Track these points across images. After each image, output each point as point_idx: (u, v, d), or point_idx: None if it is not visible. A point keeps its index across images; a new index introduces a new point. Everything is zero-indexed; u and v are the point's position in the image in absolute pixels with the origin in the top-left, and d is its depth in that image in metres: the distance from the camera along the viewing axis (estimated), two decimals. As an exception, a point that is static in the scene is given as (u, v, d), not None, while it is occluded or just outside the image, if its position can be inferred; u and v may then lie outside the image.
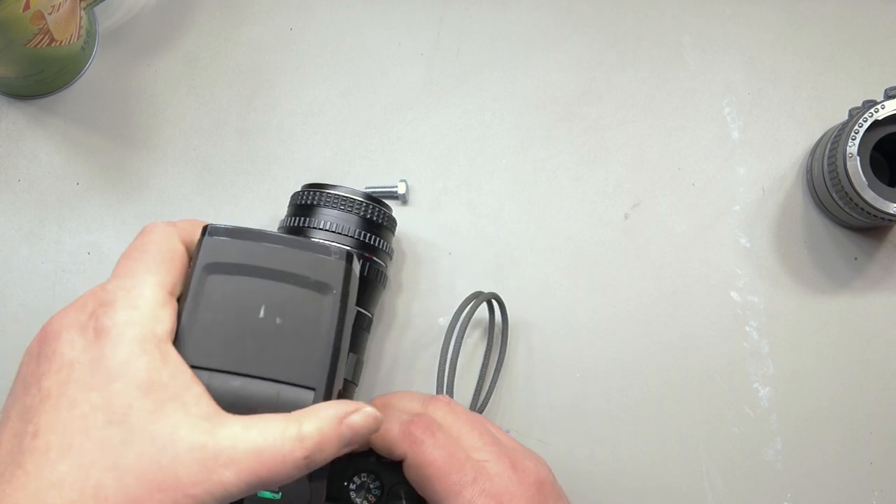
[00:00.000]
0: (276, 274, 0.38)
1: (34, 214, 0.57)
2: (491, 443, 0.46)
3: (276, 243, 0.39)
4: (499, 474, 0.45)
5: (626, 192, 0.58)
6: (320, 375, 0.37)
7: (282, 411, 0.36)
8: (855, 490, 0.54)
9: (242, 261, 0.38)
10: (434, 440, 0.45)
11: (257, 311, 0.38)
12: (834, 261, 0.57)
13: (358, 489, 0.46)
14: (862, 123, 0.51)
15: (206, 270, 0.38)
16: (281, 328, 0.38)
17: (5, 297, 0.56)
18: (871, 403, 0.55)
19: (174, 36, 0.60)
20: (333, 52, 0.60)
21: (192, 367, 0.37)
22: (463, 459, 0.45)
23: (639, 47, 0.60)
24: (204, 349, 0.37)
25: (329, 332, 0.38)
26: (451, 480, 0.44)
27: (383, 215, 0.51)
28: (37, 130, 0.58)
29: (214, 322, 0.38)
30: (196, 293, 0.38)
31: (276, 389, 0.37)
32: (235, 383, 0.37)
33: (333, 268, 0.39)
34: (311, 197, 0.50)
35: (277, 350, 0.37)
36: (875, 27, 0.60)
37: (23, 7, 0.49)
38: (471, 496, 0.44)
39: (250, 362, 0.37)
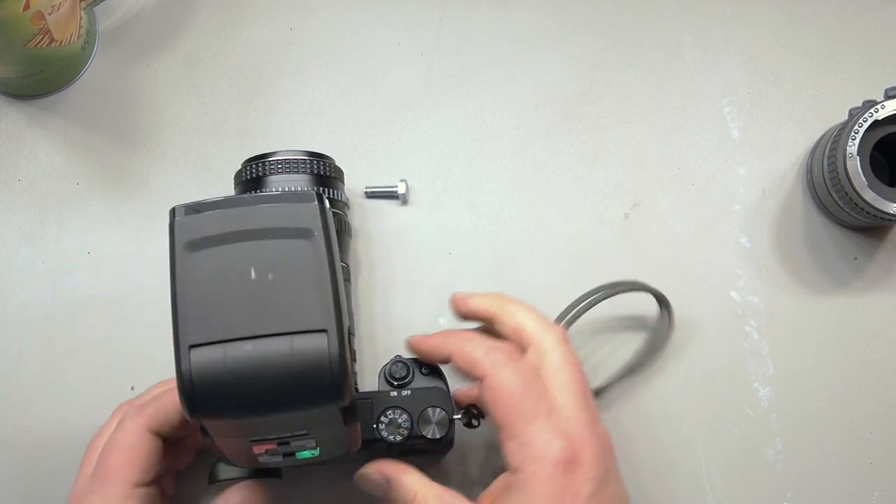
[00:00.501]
0: (255, 233, 0.38)
1: (34, 214, 0.57)
2: (578, 391, 0.46)
3: (244, 205, 0.39)
4: (576, 419, 0.44)
5: (626, 192, 0.58)
6: (328, 315, 0.37)
7: (299, 361, 0.36)
8: (855, 490, 0.54)
9: (217, 231, 0.38)
10: (515, 366, 0.45)
11: (248, 273, 0.37)
12: (834, 261, 0.57)
13: (388, 426, 0.46)
14: (862, 123, 0.51)
15: (186, 250, 0.38)
16: (276, 283, 0.37)
17: (5, 297, 0.56)
18: (871, 403, 0.55)
19: (174, 36, 0.60)
20: (333, 52, 0.60)
21: (199, 345, 0.37)
22: (541, 392, 0.45)
23: (639, 47, 0.60)
24: (207, 326, 0.37)
25: (323, 272, 0.37)
26: (524, 407, 0.44)
27: (330, 167, 0.52)
28: (37, 130, 0.58)
29: (209, 297, 0.37)
30: (183, 275, 0.38)
31: (289, 342, 0.36)
32: (247, 348, 0.36)
33: (308, 211, 0.38)
34: (255, 170, 0.51)
35: (279, 305, 0.37)
36: (875, 27, 0.60)
37: (23, 7, 0.49)
38: (542, 427, 0.43)
39: (256, 324, 0.37)
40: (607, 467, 0.44)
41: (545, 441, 0.43)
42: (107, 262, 0.57)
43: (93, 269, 0.57)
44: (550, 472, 0.43)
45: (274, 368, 0.36)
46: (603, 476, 0.44)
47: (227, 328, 0.37)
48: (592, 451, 0.44)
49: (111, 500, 0.44)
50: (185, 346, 0.37)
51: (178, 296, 0.37)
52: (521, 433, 0.43)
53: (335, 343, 0.36)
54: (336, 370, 0.36)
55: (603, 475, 0.44)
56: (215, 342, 0.36)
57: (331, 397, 0.37)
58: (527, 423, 0.43)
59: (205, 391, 0.36)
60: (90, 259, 0.57)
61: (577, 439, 0.44)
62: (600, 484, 0.44)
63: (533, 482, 0.43)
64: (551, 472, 0.43)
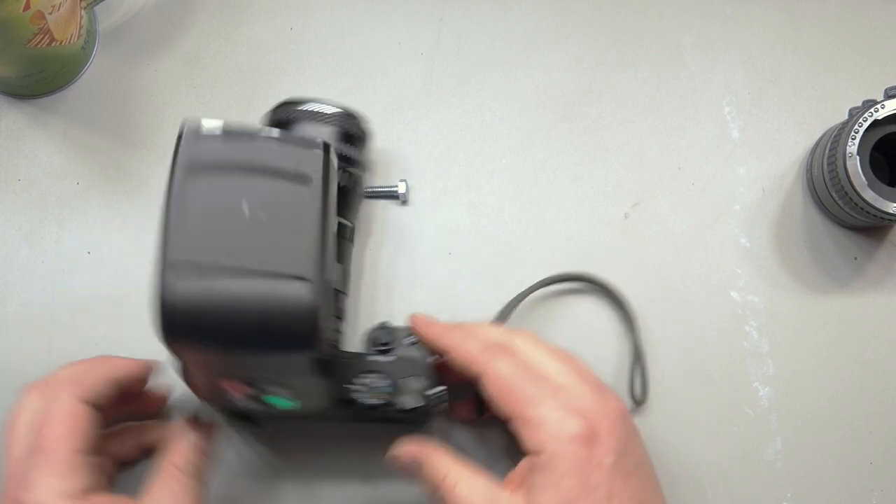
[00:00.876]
0: (257, 169, 0.38)
1: (34, 214, 0.57)
2: (573, 370, 0.46)
3: (253, 140, 0.38)
4: (582, 395, 0.45)
5: (626, 192, 0.58)
6: (310, 265, 0.37)
7: (277, 306, 0.36)
8: (855, 490, 0.54)
9: (220, 159, 0.38)
10: (512, 359, 0.46)
11: (242, 208, 0.37)
12: (834, 261, 0.57)
13: (363, 389, 0.46)
14: (862, 123, 0.51)
15: (187, 172, 0.38)
16: (267, 223, 0.37)
17: (5, 297, 0.56)
18: (871, 403, 0.55)
19: (174, 36, 0.60)
20: (333, 52, 0.60)
21: (183, 266, 0.36)
22: (541, 377, 0.45)
23: (639, 47, 0.60)
24: (193, 248, 0.37)
25: (313, 221, 0.37)
26: (527, 393, 0.44)
27: (356, 126, 0.52)
28: (37, 130, 0.58)
29: (201, 222, 0.37)
30: (178, 196, 0.38)
31: (271, 284, 0.36)
32: (229, 280, 0.36)
33: (312, 158, 0.38)
34: (286, 113, 0.51)
35: (266, 245, 0.37)
36: (875, 27, 0.60)
37: (23, 7, 0.50)
38: (551, 406, 0.44)
39: (241, 258, 0.37)
40: (626, 435, 0.45)
41: (558, 419, 0.43)
42: (107, 262, 0.57)
43: (93, 269, 0.57)
44: (571, 448, 0.43)
45: (251, 306, 0.36)
46: (623, 445, 0.44)
47: (212, 255, 0.37)
48: (608, 422, 0.44)
49: (59, 468, 0.43)
50: (170, 263, 0.36)
51: (171, 214, 0.37)
52: (533, 417, 0.44)
53: (314, 293, 0.36)
54: (310, 319, 0.36)
55: (623, 444, 0.44)
56: (199, 266, 0.36)
57: (302, 346, 0.37)
58: (536, 406, 0.44)
59: (182, 313, 0.36)
60: (90, 259, 0.57)
61: (589, 412, 0.44)
62: (622, 453, 0.44)
63: (555, 460, 0.43)
64: (571, 447, 0.43)
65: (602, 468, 0.43)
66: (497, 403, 0.45)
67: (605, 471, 0.43)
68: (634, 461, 0.45)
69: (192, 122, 0.39)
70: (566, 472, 0.43)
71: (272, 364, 0.38)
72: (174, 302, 0.36)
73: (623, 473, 0.44)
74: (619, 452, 0.44)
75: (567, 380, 0.45)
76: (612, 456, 0.43)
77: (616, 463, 0.43)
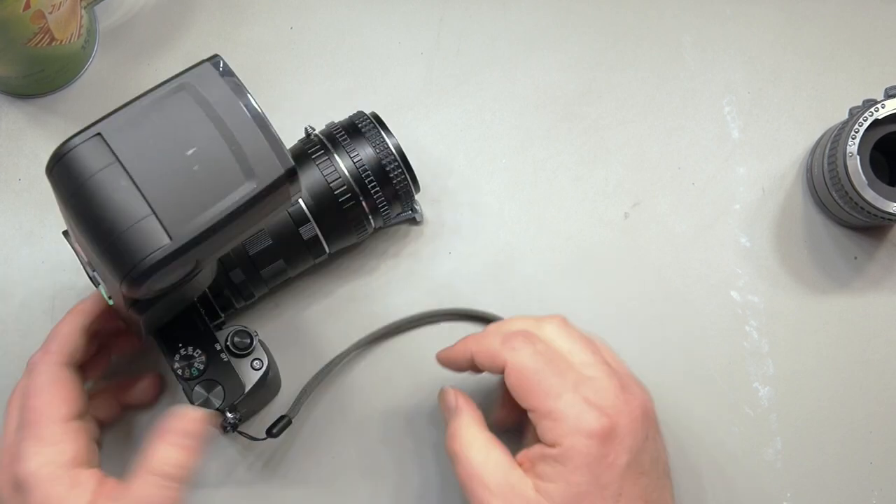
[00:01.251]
0: (229, 134, 0.38)
1: (34, 214, 0.57)
2: (601, 362, 0.45)
3: (250, 113, 0.38)
4: (605, 389, 0.44)
5: (626, 192, 0.58)
6: (183, 232, 0.36)
7: (137, 239, 0.36)
8: (855, 490, 0.54)
9: (213, 101, 0.38)
10: (534, 348, 0.45)
11: (189, 147, 0.37)
12: (834, 260, 0.57)
13: (181, 359, 0.46)
14: (862, 123, 0.51)
15: (180, 88, 0.38)
16: (193, 174, 0.37)
17: (6, 297, 0.56)
18: (871, 403, 0.55)
19: (174, 36, 0.60)
20: (333, 52, 0.60)
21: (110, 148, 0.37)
22: (565, 368, 0.45)
23: (639, 47, 0.60)
24: (130, 140, 0.37)
25: (222, 207, 0.37)
26: (549, 384, 0.44)
27: (400, 181, 0.51)
28: (37, 129, 0.58)
29: (151, 128, 0.37)
30: (159, 100, 0.38)
31: (146, 219, 0.36)
32: (121, 196, 0.36)
33: (269, 168, 0.38)
34: (363, 122, 0.52)
35: (175, 186, 0.37)
36: (875, 27, 0.60)
37: (23, 6, 0.50)
38: (571, 400, 0.43)
39: (148, 180, 0.37)
40: (644, 435, 0.44)
41: (577, 414, 0.43)
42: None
43: (93, 268, 0.57)
44: (586, 444, 0.43)
45: (120, 206, 0.36)
46: (640, 444, 0.44)
47: (132, 158, 0.37)
48: (628, 420, 0.44)
49: (48, 438, 0.44)
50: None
51: (138, 105, 0.38)
52: (552, 409, 0.43)
53: (165, 252, 0.36)
54: (143, 259, 0.36)
55: (640, 444, 0.44)
56: (121, 160, 0.37)
57: (125, 274, 0.37)
58: (555, 399, 0.43)
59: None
60: (90, 259, 0.57)
61: (609, 408, 0.43)
62: (637, 453, 0.44)
63: (570, 454, 0.43)
64: (587, 444, 0.43)
65: (615, 468, 0.43)
66: (517, 394, 0.45)
67: (617, 470, 0.43)
68: (650, 459, 0.44)
69: (222, 61, 0.39)
70: (578, 467, 0.42)
71: (100, 264, 0.39)
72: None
73: (636, 473, 0.43)
74: (634, 452, 0.43)
75: (592, 371, 0.45)
76: (627, 456, 0.43)
77: (630, 463, 0.43)
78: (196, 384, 0.46)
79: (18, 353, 0.55)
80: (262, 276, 0.50)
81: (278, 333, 0.55)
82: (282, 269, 0.50)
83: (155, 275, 0.37)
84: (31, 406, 0.45)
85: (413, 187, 0.52)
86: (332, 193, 0.50)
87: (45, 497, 0.42)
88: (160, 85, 0.38)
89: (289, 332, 0.55)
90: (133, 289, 0.37)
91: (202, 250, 0.38)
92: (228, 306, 0.51)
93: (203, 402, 0.46)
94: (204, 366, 0.47)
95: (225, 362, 0.47)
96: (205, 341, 0.47)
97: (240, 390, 0.46)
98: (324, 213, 0.50)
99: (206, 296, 0.49)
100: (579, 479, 0.42)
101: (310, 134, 0.52)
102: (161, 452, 0.43)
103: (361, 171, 0.50)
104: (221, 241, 0.38)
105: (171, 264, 0.37)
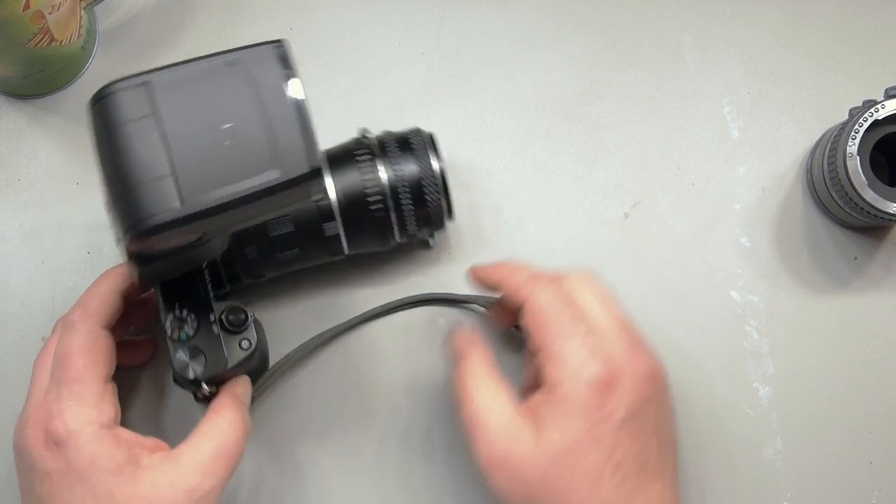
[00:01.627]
0: (267, 119, 0.38)
1: (34, 214, 0.57)
2: (615, 319, 0.46)
3: (293, 105, 0.38)
4: (614, 343, 0.45)
5: (626, 192, 0.58)
6: (196, 201, 0.37)
7: (150, 196, 0.37)
8: (855, 490, 0.54)
9: (262, 84, 0.38)
10: (556, 290, 0.46)
11: (226, 122, 0.38)
12: (834, 261, 0.57)
13: (175, 319, 0.46)
14: (862, 123, 0.51)
15: (235, 63, 0.38)
16: (223, 147, 0.37)
17: (6, 297, 0.56)
18: (871, 403, 0.55)
19: (174, 36, 0.60)
20: (333, 52, 0.60)
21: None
22: (579, 317, 0.45)
23: (639, 47, 0.60)
24: (174, 99, 0.38)
25: (240, 188, 0.37)
26: (562, 327, 0.44)
27: (435, 205, 0.51)
28: (37, 130, 0.59)
29: (197, 93, 0.38)
30: (213, 68, 0.38)
31: (164, 179, 0.37)
32: (148, 150, 0.37)
33: (296, 162, 0.38)
34: (417, 140, 0.51)
35: (202, 155, 0.37)
36: (875, 27, 0.60)
37: (23, 6, 0.50)
38: (579, 346, 0.44)
39: (178, 142, 0.37)
40: (648, 396, 0.44)
41: (581, 361, 0.43)
42: (107, 263, 0.57)
43: (93, 269, 0.57)
44: (584, 392, 0.43)
45: (140, 162, 0.37)
46: (641, 405, 0.44)
47: (168, 107, 0.37)
48: (632, 377, 0.44)
49: (90, 399, 0.44)
50: None
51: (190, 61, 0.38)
52: (559, 352, 0.44)
53: (175, 214, 0.36)
54: (150, 217, 0.37)
55: (641, 404, 0.44)
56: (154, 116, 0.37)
57: (129, 227, 0.37)
58: (564, 342, 0.44)
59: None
60: (90, 259, 0.57)
61: (614, 361, 0.44)
62: (636, 412, 0.44)
63: (567, 399, 0.43)
64: (585, 391, 0.43)
65: (611, 420, 0.43)
66: (530, 332, 0.45)
67: (613, 423, 0.43)
68: (651, 424, 0.44)
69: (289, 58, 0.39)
70: (574, 413, 0.43)
71: (115, 211, 0.39)
72: None
73: (633, 431, 0.43)
74: (633, 410, 0.43)
75: (605, 326, 0.45)
76: (625, 411, 0.43)
77: (627, 419, 0.43)
78: (181, 347, 0.46)
79: (18, 353, 0.55)
80: (276, 259, 0.50)
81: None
82: (296, 257, 0.50)
83: (158, 234, 0.37)
84: (72, 366, 0.44)
85: (446, 214, 0.52)
86: (365, 198, 0.50)
87: (93, 456, 0.42)
88: (219, 53, 0.39)
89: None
90: (134, 242, 0.38)
91: (210, 224, 0.38)
92: (236, 279, 0.51)
93: (181, 368, 0.46)
94: (193, 332, 0.46)
95: (215, 335, 0.47)
96: (201, 308, 0.47)
97: (221, 365, 0.46)
98: (352, 214, 0.50)
99: (215, 263, 0.49)
100: (574, 424, 0.43)
101: (363, 136, 0.52)
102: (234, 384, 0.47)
103: (399, 185, 0.50)
104: (231, 220, 0.39)
105: (176, 229, 0.37)
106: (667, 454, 0.46)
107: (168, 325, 0.46)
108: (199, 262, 0.47)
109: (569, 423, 0.43)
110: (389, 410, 0.54)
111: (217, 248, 0.46)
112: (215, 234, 0.41)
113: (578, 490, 0.42)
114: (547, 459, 0.43)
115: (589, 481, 0.42)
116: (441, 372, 0.55)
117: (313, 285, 0.56)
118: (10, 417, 0.54)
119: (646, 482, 0.43)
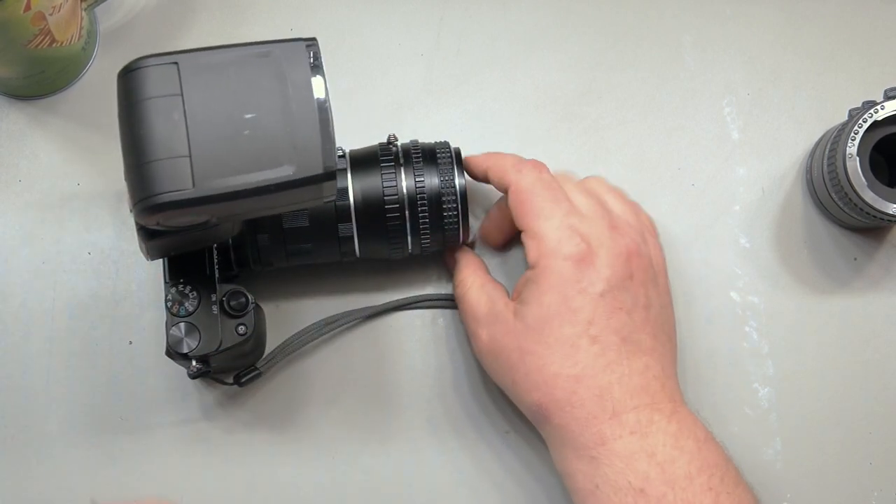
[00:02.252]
0: (290, 115, 0.38)
1: (34, 215, 0.57)
2: (598, 205, 0.48)
3: (316, 104, 0.39)
4: (593, 222, 0.46)
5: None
6: (208, 185, 0.37)
7: (163, 173, 0.37)
8: (855, 490, 0.54)
9: (289, 80, 0.39)
10: (539, 175, 0.48)
11: (249, 112, 0.38)
12: (834, 261, 0.57)
13: (177, 293, 0.47)
14: (862, 124, 0.51)
15: (266, 55, 0.39)
16: (241, 137, 0.38)
17: (6, 297, 0.56)
18: (871, 404, 0.55)
19: (174, 36, 0.60)
20: (333, 52, 0.60)
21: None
22: (561, 198, 0.47)
23: (639, 47, 0.60)
24: (201, 82, 0.38)
25: (252, 179, 0.38)
26: (542, 206, 0.47)
27: (451, 221, 0.51)
28: (37, 130, 0.59)
29: (224, 79, 0.38)
30: (243, 57, 0.39)
31: (180, 159, 0.37)
32: (168, 128, 0.38)
33: (311, 162, 0.39)
34: (443, 153, 0.52)
35: (220, 141, 0.38)
36: (875, 27, 0.60)
37: (24, 8, 0.50)
38: (558, 224, 0.46)
39: (198, 124, 0.37)
40: (628, 274, 0.46)
41: (560, 237, 0.45)
42: (107, 262, 0.57)
43: (93, 269, 0.57)
44: (561, 265, 0.45)
45: (159, 138, 0.38)
46: (620, 281, 0.45)
47: (196, 91, 0.38)
48: (609, 254, 0.45)
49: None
50: None
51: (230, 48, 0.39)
52: (538, 230, 0.46)
53: (187, 195, 0.37)
54: (161, 193, 0.37)
55: (619, 280, 0.45)
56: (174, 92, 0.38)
57: (139, 199, 0.38)
58: (544, 220, 0.46)
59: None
60: (90, 259, 0.57)
61: (592, 238, 0.45)
62: (615, 287, 0.45)
63: (544, 275, 0.45)
64: (562, 265, 0.45)
65: (587, 293, 0.44)
66: (515, 214, 0.48)
67: (589, 297, 0.44)
68: (632, 299, 0.46)
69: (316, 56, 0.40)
70: (550, 287, 0.44)
71: (128, 182, 0.39)
72: None
73: (612, 307, 0.44)
74: (611, 285, 0.45)
75: (586, 209, 0.47)
76: (602, 285, 0.44)
77: (605, 293, 0.44)
78: (178, 322, 0.46)
79: (18, 353, 0.55)
80: (287, 250, 0.50)
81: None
82: (307, 251, 0.51)
83: (166, 212, 0.38)
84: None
85: (461, 233, 0.52)
86: (383, 204, 0.50)
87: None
88: (251, 44, 0.39)
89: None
90: (142, 216, 0.39)
91: (218, 209, 0.38)
92: (244, 264, 0.51)
93: (175, 342, 0.46)
94: (193, 309, 0.47)
95: (213, 315, 0.47)
96: (205, 287, 0.47)
97: (214, 346, 0.46)
98: (367, 218, 0.50)
99: (226, 245, 0.49)
100: (550, 299, 0.44)
101: (390, 143, 0.52)
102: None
103: (419, 195, 0.50)
104: (241, 209, 0.39)
105: (185, 209, 0.38)
106: (657, 333, 0.47)
107: (169, 297, 0.47)
108: (207, 243, 0.47)
109: (545, 297, 0.44)
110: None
111: (227, 232, 0.46)
112: (224, 219, 0.42)
113: (553, 359, 0.44)
114: (523, 331, 0.45)
115: (564, 350, 0.44)
116: (439, 370, 0.55)
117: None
118: (10, 417, 0.55)
119: (628, 354, 0.45)
